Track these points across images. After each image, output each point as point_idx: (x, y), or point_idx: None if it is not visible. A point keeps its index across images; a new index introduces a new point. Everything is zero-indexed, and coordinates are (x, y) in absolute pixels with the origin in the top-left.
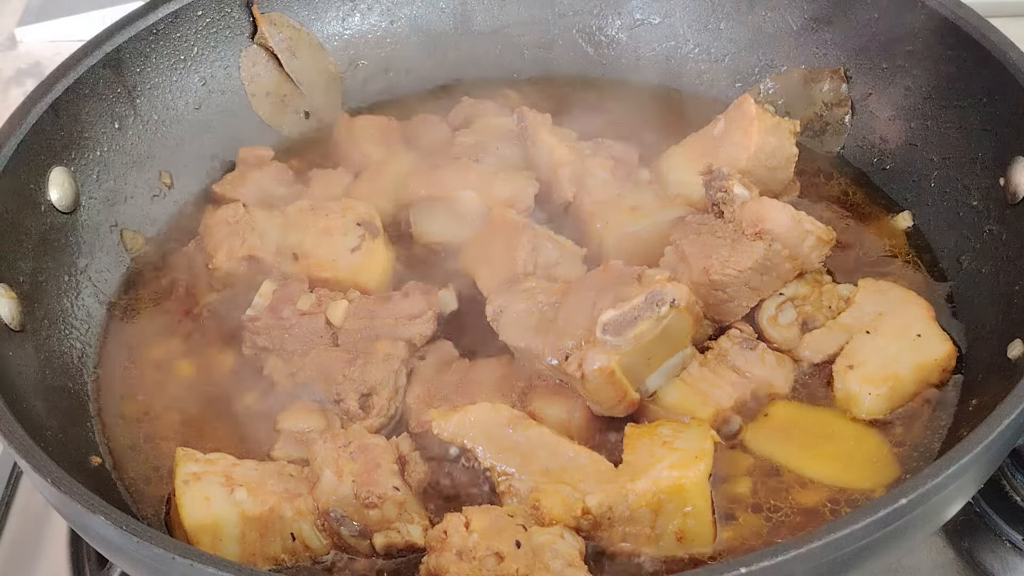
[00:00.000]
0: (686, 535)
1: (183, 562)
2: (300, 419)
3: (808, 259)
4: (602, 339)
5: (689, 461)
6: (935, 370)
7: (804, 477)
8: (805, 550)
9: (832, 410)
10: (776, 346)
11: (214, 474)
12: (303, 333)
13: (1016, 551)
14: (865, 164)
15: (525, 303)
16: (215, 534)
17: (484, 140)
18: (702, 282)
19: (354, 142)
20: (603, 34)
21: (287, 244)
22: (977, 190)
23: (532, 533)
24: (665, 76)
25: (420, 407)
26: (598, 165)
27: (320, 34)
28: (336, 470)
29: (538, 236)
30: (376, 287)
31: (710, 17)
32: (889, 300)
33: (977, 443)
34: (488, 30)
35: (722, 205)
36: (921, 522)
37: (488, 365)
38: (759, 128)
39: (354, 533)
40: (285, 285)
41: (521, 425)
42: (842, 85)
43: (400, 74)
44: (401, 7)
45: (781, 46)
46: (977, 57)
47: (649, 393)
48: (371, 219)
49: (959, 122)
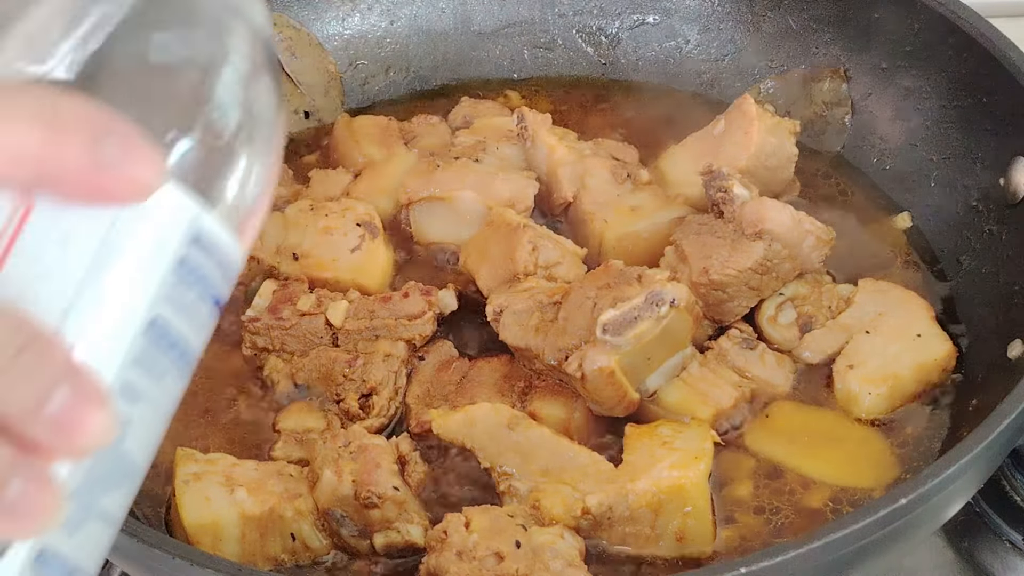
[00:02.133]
0: (686, 535)
1: (183, 562)
2: (300, 419)
3: (808, 259)
4: (602, 339)
5: (689, 461)
6: (935, 370)
7: (804, 477)
8: (805, 550)
9: (832, 410)
10: (776, 346)
11: (214, 474)
12: (303, 333)
13: (1016, 551)
14: (865, 164)
15: (525, 303)
16: (215, 534)
17: (484, 140)
18: (702, 282)
19: (354, 142)
20: (603, 34)
21: (287, 244)
22: (977, 190)
23: (532, 533)
24: (665, 76)
25: (420, 407)
26: (598, 165)
27: (320, 34)
28: (336, 470)
29: (538, 236)
30: (376, 287)
31: (710, 17)
32: (889, 300)
33: (977, 443)
34: (488, 30)
35: (722, 205)
36: (921, 522)
37: (488, 365)
38: (759, 128)
39: (354, 533)
40: (285, 285)
41: (521, 425)
42: (842, 85)
43: (400, 74)
44: (401, 7)
45: (781, 46)
46: (977, 57)
47: (649, 393)
48: (371, 219)
49: (959, 122)
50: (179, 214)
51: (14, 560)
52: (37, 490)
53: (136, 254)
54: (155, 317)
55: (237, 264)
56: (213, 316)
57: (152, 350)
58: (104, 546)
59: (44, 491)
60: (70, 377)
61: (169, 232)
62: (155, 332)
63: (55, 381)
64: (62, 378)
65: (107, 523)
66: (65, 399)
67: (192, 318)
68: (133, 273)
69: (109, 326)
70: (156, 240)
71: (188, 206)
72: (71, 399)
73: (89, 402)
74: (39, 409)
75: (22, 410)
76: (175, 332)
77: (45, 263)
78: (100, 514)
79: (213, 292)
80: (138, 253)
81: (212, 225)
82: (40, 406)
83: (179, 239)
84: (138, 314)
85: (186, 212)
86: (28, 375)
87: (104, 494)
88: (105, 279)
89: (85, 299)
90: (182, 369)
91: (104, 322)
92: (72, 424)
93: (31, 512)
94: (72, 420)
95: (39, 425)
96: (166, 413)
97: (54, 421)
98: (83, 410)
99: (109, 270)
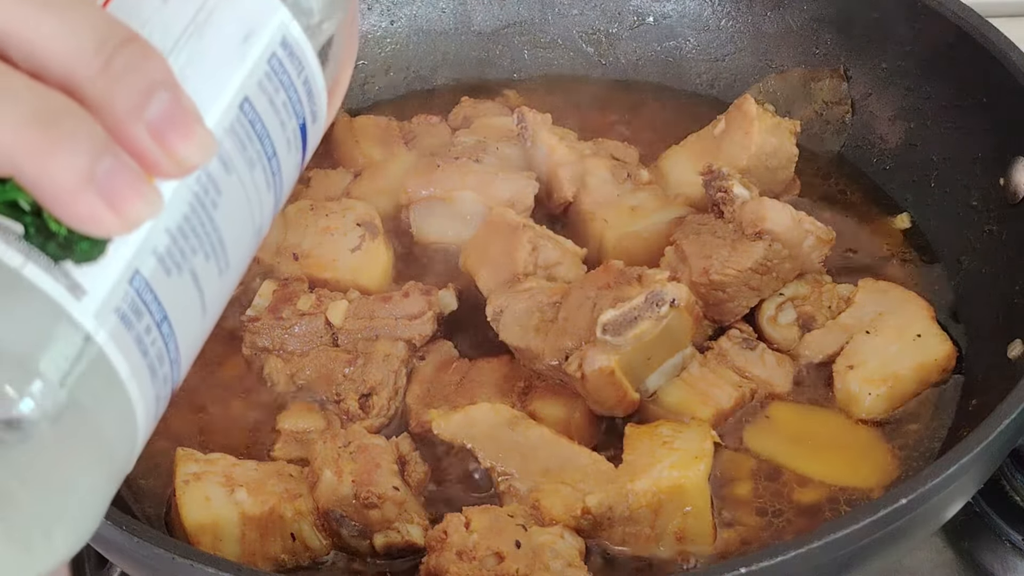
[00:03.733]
0: (686, 535)
1: (183, 562)
2: (300, 419)
3: (808, 259)
4: (602, 339)
5: (689, 461)
6: (935, 370)
7: (804, 477)
8: (805, 550)
9: (832, 410)
10: (776, 346)
11: (214, 474)
12: (303, 333)
13: (1016, 551)
14: (865, 164)
15: (525, 303)
16: (215, 534)
17: (484, 140)
18: (702, 282)
19: (354, 142)
20: (603, 34)
21: (287, 244)
22: (977, 190)
23: (532, 533)
24: (665, 76)
25: (420, 407)
26: (598, 165)
27: None
28: (336, 470)
29: (538, 236)
30: (376, 287)
31: (710, 17)
32: (889, 300)
33: (977, 443)
34: (488, 30)
35: (722, 205)
36: (921, 522)
37: (488, 365)
38: (759, 128)
39: (354, 533)
40: (285, 285)
41: (521, 425)
42: (842, 84)
43: (400, 74)
44: (401, 7)
45: (781, 46)
46: (977, 57)
47: (649, 393)
48: (371, 219)
49: (959, 122)
50: (272, 11)
51: (107, 268)
52: (131, 172)
53: (231, 30)
54: (248, 96)
55: (321, 92)
56: (298, 144)
57: (244, 128)
58: (195, 319)
59: (139, 176)
60: (169, 86)
61: (263, 19)
62: (248, 111)
63: (157, 82)
64: (163, 83)
65: (198, 290)
66: (167, 103)
67: (281, 122)
68: (231, 39)
69: (209, 78)
70: (252, 20)
71: (281, 10)
72: (172, 104)
73: (189, 114)
74: (143, 106)
75: (129, 101)
76: (265, 123)
77: (148, 9)
78: (192, 274)
79: (299, 109)
80: (237, 23)
81: (300, 37)
82: (145, 103)
83: (271, 33)
84: (234, 82)
85: (277, 13)
86: (133, 66)
87: (195, 254)
88: (207, 34)
89: (188, 48)
90: (269, 174)
91: (205, 72)
92: (174, 131)
93: (127, 192)
94: (174, 126)
95: (140, 123)
96: (253, 216)
97: (156, 123)
98: (184, 119)
99: (212, 26)
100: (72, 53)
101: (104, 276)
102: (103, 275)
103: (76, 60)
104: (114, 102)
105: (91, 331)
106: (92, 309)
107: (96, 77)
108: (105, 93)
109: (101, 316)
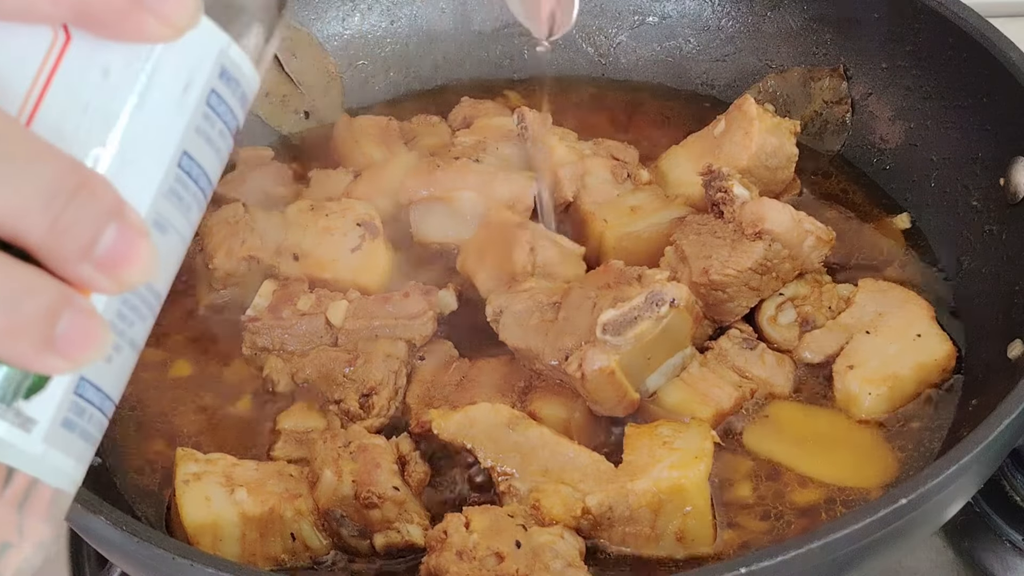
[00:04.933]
0: (686, 535)
1: (183, 562)
2: (300, 419)
3: (808, 259)
4: (602, 339)
5: (689, 461)
6: (935, 370)
7: (804, 477)
8: (805, 550)
9: (832, 410)
10: (776, 346)
11: (214, 474)
12: (303, 333)
13: (1016, 551)
14: (865, 164)
15: (525, 303)
16: (215, 534)
17: (484, 140)
18: (702, 282)
19: (354, 142)
20: (603, 34)
21: (287, 244)
22: (977, 190)
23: (532, 533)
24: (665, 76)
25: (420, 407)
26: (598, 165)
27: (320, 34)
28: (336, 470)
29: (538, 236)
30: (376, 287)
31: (710, 17)
32: (889, 300)
33: (977, 443)
34: (488, 30)
35: (722, 205)
36: (921, 522)
37: (488, 365)
38: (759, 128)
39: (354, 533)
40: (285, 285)
41: (521, 425)
42: (842, 83)
43: (400, 74)
44: (401, 7)
45: (781, 46)
46: (977, 57)
47: (649, 393)
48: (371, 219)
49: (959, 122)
50: (210, 48)
51: (55, 392)
52: (86, 323)
53: (172, 87)
54: (187, 149)
55: (255, 93)
56: (230, 146)
57: (182, 182)
58: (128, 374)
59: (93, 323)
60: (117, 216)
61: (202, 65)
62: (185, 164)
63: (105, 220)
64: (111, 217)
65: (134, 351)
66: (114, 238)
67: (216, 149)
68: (169, 105)
69: (147, 158)
70: (190, 73)
71: (219, 39)
72: (119, 237)
73: (135, 239)
74: (91, 248)
75: (76, 249)
76: (202, 163)
77: (84, 96)
78: (130, 343)
79: (234, 122)
80: (174, 86)
81: (238, 57)
82: (92, 245)
83: (210, 72)
84: (172, 146)
85: (216, 45)
86: (81, 217)
87: (133, 325)
88: (143, 112)
89: (123, 131)
90: (201, 201)
91: (142, 154)
92: (119, 261)
93: (82, 344)
94: (120, 257)
95: (88, 263)
96: (186, 245)
97: (103, 258)
98: (130, 247)
99: (147, 103)
100: (18, 215)
101: (51, 399)
102: (50, 399)
103: (23, 222)
104: (63, 253)
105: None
106: (40, 436)
107: (45, 235)
108: (54, 247)
109: (49, 438)
